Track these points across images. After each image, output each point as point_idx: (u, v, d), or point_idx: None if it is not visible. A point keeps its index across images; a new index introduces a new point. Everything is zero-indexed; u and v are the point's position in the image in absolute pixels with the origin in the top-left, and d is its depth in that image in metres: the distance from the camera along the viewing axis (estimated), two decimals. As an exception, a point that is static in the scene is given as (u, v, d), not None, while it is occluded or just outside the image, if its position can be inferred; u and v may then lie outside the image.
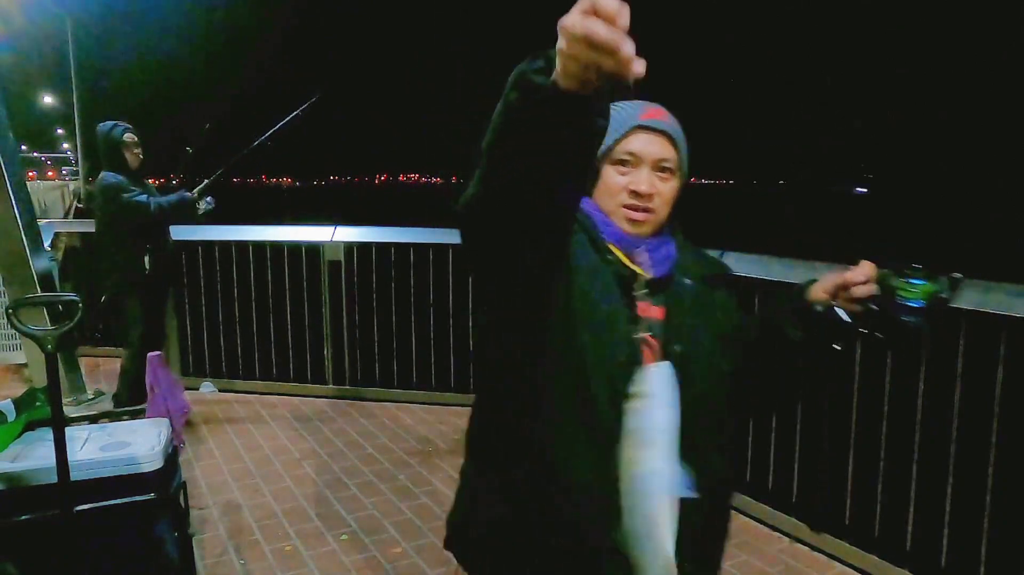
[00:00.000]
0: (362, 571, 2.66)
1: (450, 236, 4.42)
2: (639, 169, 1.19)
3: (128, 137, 3.92)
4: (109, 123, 3.97)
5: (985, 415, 2.43)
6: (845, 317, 1.14)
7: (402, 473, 3.48)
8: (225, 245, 4.80)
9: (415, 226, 4.69)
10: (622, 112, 1.20)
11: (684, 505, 1.03)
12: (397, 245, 4.60)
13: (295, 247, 4.72)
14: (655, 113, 1.20)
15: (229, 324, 4.84)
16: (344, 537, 2.88)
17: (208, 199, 4.09)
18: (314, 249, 4.61)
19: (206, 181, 4.22)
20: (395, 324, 4.60)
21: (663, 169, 1.20)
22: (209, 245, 4.73)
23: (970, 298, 2.42)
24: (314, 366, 4.68)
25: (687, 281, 1.23)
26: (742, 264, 3.05)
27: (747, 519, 2.99)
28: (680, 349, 1.16)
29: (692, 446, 1.08)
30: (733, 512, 1.32)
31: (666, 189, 1.20)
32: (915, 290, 1.09)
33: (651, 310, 1.18)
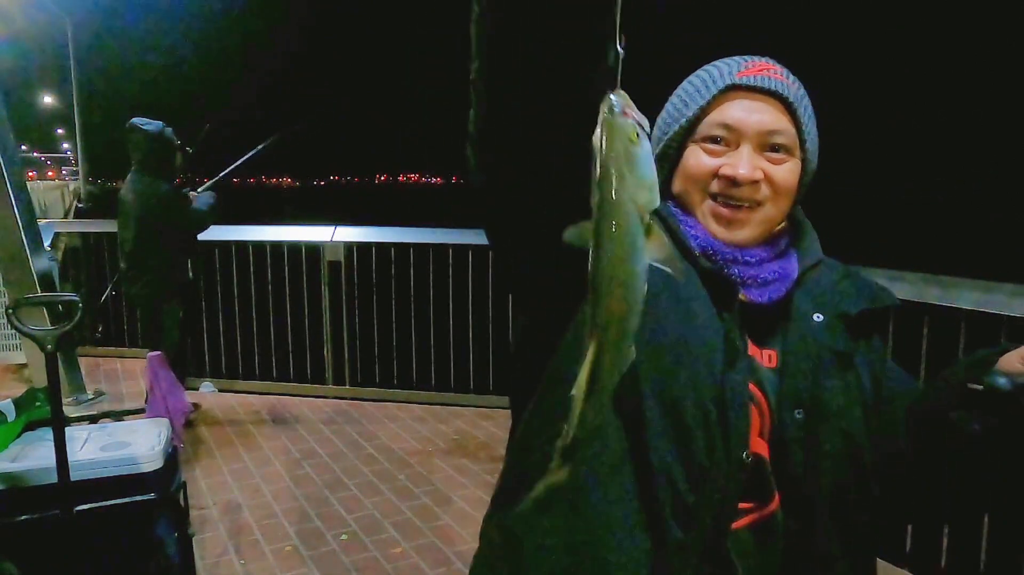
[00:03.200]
0: (362, 571, 2.66)
1: (450, 236, 4.43)
2: (737, 148, 0.84)
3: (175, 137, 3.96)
4: (153, 122, 3.95)
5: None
6: None
7: (402, 473, 3.48)
8: (225, 245, 4.81)
9: (415, 226, 4.69)
10: (712, 71, 0.86)
11: None
12: (397, 245, 4.60)
13: (295, 247, 4.72)
14: (760, 68, 0.84)
15: (229, 324, 4.84)
16: (344, 537, 2.88)
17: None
18: (314, 249, 4.61)
19: (209, 182, 4.24)
20: (395, 324, 4.60)
21: (774, 147, 0.84)
22: (209, 245, 4.72)
23: (970, 298, 2.42)
24: (314, 366, 4.68)
25: (817, 317, 0.85)
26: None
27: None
28: (801, 417, 0.81)
29: (820, 558, 0.81)
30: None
31: (779, 173, 0.84)
32: None
33: (761, 354, 0.84)
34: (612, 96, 0.61)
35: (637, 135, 0.60)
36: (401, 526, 2.96)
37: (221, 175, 4.34)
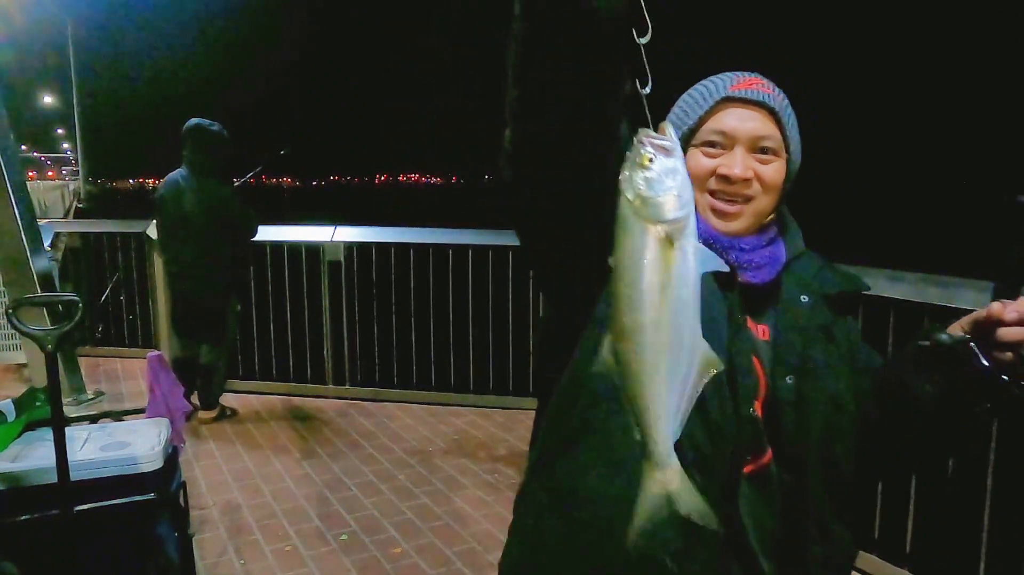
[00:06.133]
0: (362, 571, 2.66)
1: (450, 236, 4.44)
2: (731, 151, 0.97)
3: None
4: (215, 123, 4.02)
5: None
6: (983, 358, 0.88)
7: (402, 473, 3.48)
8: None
9: (415, 226, 4.69)
10: (709, 85, 1.01)
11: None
12: (397, 245, 4.60)
13: (295, 247, 4.72)
14: (750, 83, 0.98)
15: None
16: (344, 537, 2.88)
17: None
18: (314, 249, 4.61)
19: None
20: (395, 324, 4.60)
21: (763, 150, 0.98)
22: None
23: (970, 298, 2.42)
24: (314, 366, 4.68)
25: (804, 298, 1.00)
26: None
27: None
28: (792, 382, 0.95)
29: (810, 506, 0.94)
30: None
31: (768, 172, 0.98)
32: None
33: (756, 329, 0.98)
34: (641, 131, 0.70)
35: (651, 160, 0.68)
36: (401, 526, 2.96)
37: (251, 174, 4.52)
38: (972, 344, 0.89)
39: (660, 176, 0.68)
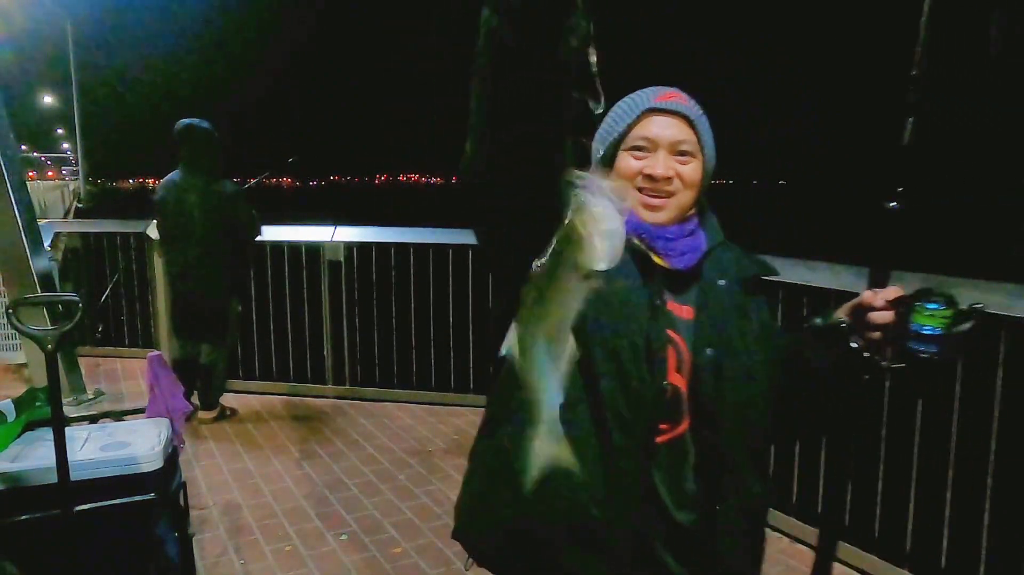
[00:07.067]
0: (362, 571, 2.66)
1: (450, 236, 4.43)
2: (655, 154, 1.13)
3: None
4: (204, 121, 4.01)
5: (985, 415, 2.43)
6: (851, 339, 1.06)
7: (402, 473, 3.48)
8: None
9: (415, 226, 4.69)
10: (635, 98, 1.16)
11: (724, 528, 1.08)
12: (397, 245, 4.59)
13: (295, 247, 4.72)
14: (669, 96, 1.14)
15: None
16: (344, 537, 2.88)
17: None
18: (314, 249, 4.61)
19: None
20: (395, 324, 4.60)
21: (682, 152, 1.13)
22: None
23: (970, 298, 2.42)
24: (314, 366, 4.68)
25: (721, 282, 1.15)
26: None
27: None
28: (711, 354, 1.09)
29: (726, 462, 1.09)
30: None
31: (687, 171, 1.13)
32: (931, 317, 1.02)
33: (680, 309, 1.12)
34: (583, 180, 0.82)
35: (586, 215, 0.80)
36: (401, 526, 2.96)
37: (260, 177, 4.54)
38: (844, 327, 1.08)
39: (594, 230, 0.80)
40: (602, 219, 0.80)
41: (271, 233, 4.71)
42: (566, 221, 0.81)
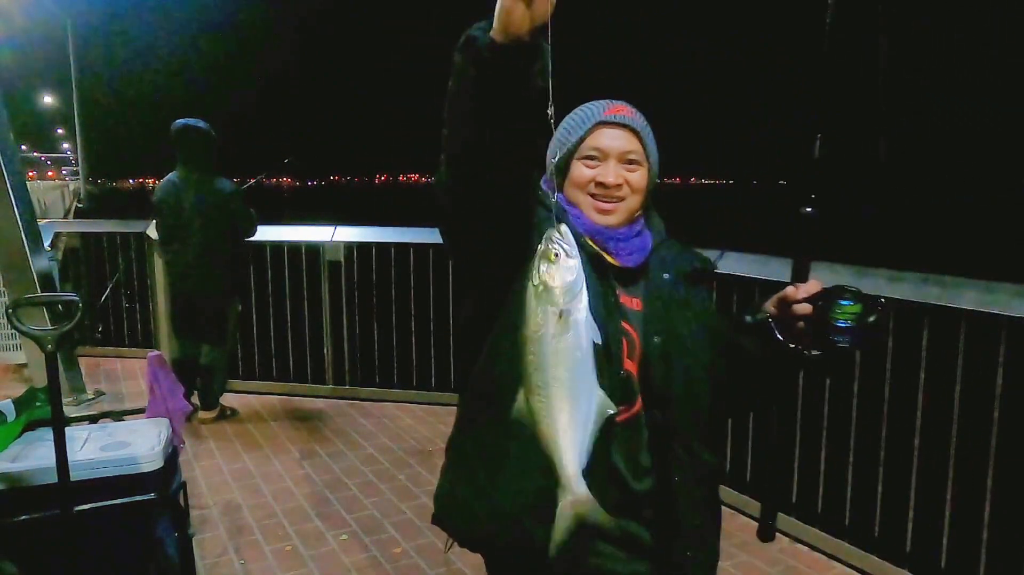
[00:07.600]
0: (362, 571, 2.66)
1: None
2: (606, 163, 1.23)
3: None
4: (200, 120, 4.01)
5: (985, 415, 2.43)
6: (777, 332, 1.19)
7: (402, 473, 3.48)
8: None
9: (415, 226, 4.69)
10: (586, 111, 1.26)
11: (682, 494, 1.18)
12: (397, 245, 4.59)
13: (295, 247, 4.72)
14: (618, 109, 1.25)
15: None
16: (344, 537, 2.88)
17: None
18: (314, 249, 4.61)
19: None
20: (395, 324, 4.59)
21: (630, 161, 1.24)
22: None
23: (970, 298, 2.42)
24: (314, 366, 4.68)
25: (665, 275, 1.26)
26: (742, 264, 3.06)
27: (747, 519, 2.98)
28: (659, 341, 1.20)
29: (677, 436, 1.20)
30: (733, 512, 1.39)
31: (635, 178, 1.25)
32: (843, 312, 1.14)
33: (631, 302, 1.23)
34: (552, 230, 0.93)
35: (555, 255, 0.91)
36: (401, 526, 2.97)
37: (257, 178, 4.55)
38: (769, 320, 1.20)
39: (560, 270, 0.91)
40: (567, 271, 0.91)
41: (271, 233, 4.72)
42: (540, 270, 0.91)
